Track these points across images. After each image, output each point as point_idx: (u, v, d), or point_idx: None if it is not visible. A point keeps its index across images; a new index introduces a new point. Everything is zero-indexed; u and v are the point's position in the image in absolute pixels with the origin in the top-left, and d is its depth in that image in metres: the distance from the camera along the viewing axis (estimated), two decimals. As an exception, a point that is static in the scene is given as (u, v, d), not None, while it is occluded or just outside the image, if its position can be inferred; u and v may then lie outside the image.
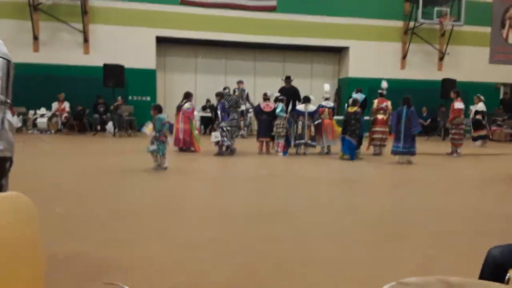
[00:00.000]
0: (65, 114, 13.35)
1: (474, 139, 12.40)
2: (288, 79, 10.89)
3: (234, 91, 12.59)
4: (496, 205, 5.11)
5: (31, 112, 13.23)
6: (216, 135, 8.77)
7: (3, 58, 2.31)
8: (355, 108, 8.71)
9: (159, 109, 7.01)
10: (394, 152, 8.47)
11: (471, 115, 12.74)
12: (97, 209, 4.38)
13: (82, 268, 2.80)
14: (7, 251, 1.20)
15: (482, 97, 12.56)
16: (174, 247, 3.27)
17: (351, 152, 8.62)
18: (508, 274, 1.72)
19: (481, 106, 12.50)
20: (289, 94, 9.80)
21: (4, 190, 2.17)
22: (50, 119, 13.03)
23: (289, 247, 3.37)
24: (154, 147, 6.61)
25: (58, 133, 12.96)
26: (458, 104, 9.81)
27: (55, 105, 13.37)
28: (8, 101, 2.22)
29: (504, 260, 1.77)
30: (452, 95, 10.13)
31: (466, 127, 10.45)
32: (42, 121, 12.88)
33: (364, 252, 3.29)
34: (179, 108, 9.41)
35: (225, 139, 8.71)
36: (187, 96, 9.35)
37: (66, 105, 13.48)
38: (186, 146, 9.29)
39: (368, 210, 4.67)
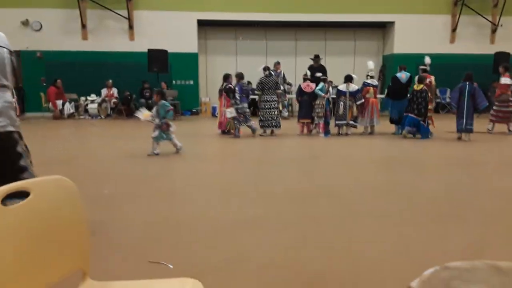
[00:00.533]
0: (114, 100, 13.88)
1: None
2: (317, 57, 10.69)
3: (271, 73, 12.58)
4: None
5: (82, 98, 13.87)
6: (230, 111, 8.63)
7: (4, 47, 2.63)
8: (421, 86, 8.65)
9: (162, 95, 6.81)
10: (459, 130, 8.45)
11: None
12: (143, 189, 4.58)
13: (129, 247, 2.96)
14: (54, 230, 1.32)
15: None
16: (218, 225, 3.38)
17: (423, 130, 8.61)
18: None
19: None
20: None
21: (26, 159, 2.64)
22: (100, 104, 13.60)
23: (333, 226, 3.39)
24: (156, 133, 6.54)
25: (107, 118, 13.53)
26: (505, 80, 9.31)
27: (104, 91, 13.93)
28: (7, 83, 2.61)
29: None
30: (500, 69, 9.61)
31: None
32: (92, 107, 13.49)
33: (412, 233, 3.24)
34: (221, 91, 9.48)
35: (240, 121, 8.76)
36: (226, 78, 9.36)
37: (115, 91, 14.00)
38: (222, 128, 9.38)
39: (417, 190, 4.58)
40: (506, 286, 0.88)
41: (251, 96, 9.77)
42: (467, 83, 8.39)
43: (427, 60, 9.55)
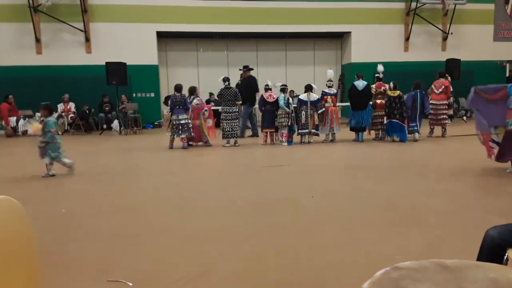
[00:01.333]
0: (71, 115, 13.46)
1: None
2: (246, 68, 10.39)
3: (237, 84, 12.64)
4: (501, 184, 5.09)
5: (38, 114, 13.33)
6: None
7: None
8: (398, 92, 9.17)
9: (49, 110, 6.16)
10: (411, 131, 9.33)
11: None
12: (102, 206, 4.44)
13: (86, 266, 2.85)
14: (0, 252, 1.25)
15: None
16: (179, 239, 3.32)
17: (403, 134, 9.11)
18: (506, 254, 1.74)
19: None
20: (247, 85, 9.48)
21: None
22: (56, 120, 13.13)
23: (296, 233, 3.41)
24: (50, 156, 5.94)
25: (65, 134, 13.08)
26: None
27: (60, 106, 13.49)
28: None
29: (502, 240, 1.78)
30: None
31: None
32: (48, 123, 12.98)
33: (371, 235, 3.31)
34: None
35: (174, 133, 8.99)
36: (193, 92, 9.27)
37: (71, 105, 13.58)
38: (196, 142, 9.38)
39: (375, 194, 4.68)
40: (450, 283, 0.91)
41: (214, 107, 9.73)
42: (418, 91, 9.40)
43: (380, 68, 9.89)
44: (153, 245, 3.20)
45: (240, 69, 11.33)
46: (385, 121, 9.40)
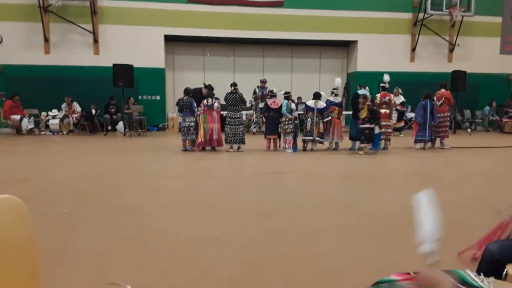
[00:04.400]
0: (76, 115, 13.55)
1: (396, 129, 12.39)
2: (209, 88, 9.88)
3: (254, 91, 13.42)
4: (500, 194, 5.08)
5: (44, 113, 13.46)
6: None
7: None
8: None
9: None
10: (420, 141, 9.59)
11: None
12: (102, 207, 4.48)
13: (85, 267, 2.88)
14: (2, 250, 1.28)
15: (400, 90, 12.88)
16: (177, 244, 3.34)
17: (375, 143, 9.05)
18: (505, 270, 1.74)
19: (401, 98, 12.78)
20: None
21: None
22: (62, 120, 13.23)
23: (294, 241, 3.42)
24: None
25: (70, 134, 13.17)
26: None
27: (64, 107, 13.58)
28: None
29: (501, 255, 1.79)
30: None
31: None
32: (54, 123, 13.07)
33: (368, 245, 3.33)
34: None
35: (183, 135, 9.21)
36: (212, 95, 9.19)
37: (76, 106, 13.68)
38: (219, 145, 9.22)
39: (374, 203, 4.69)
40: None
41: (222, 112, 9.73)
42: (428, 100, 9.54)
43: (386, 78, 9.93)
44: (151, 250, 3.22)
45: (204, 84, 10.62)
46: (389, 131, 9.51)
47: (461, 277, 1.47)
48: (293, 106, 9.44)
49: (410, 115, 13.64)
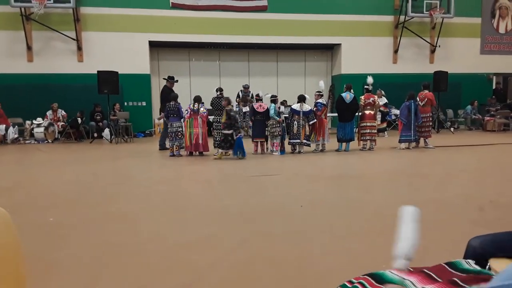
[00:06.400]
0: (61, 123, 13.42)
1: (379, 130, 12.61)
2: (171, 79, 10.11)
3: (238, 95, 13.49)
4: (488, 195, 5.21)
5: (28, 122, 13.29)
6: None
7: None
8: None
9: None
10: (405, 140, 9.83)
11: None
12: (90, 214, 4.45)
13: (78, 274, 2.88)
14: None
15: (383, 92, 13.34)
16: (169, 248, 3.35)
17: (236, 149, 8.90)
18: (488, 264, 1.79)
19: (384, 100, 13.27)
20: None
21: None
22: (46, 128, 13.07)
23: (284, 242, 3.46)
24: None
25: (55, 142, 13.03)
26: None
27: (49, 115, 13.44)
28: None
29: (484, 250, 1.83)
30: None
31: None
32: (39, 131, 12.91)
33: (359, 245, 3.37)
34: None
35: (170, 141, 9.22)
36: (198, 100, 9.22)
37: (61, 113, 13.55)
38: (205, 150, 9.27)
39: (363, 203, 4.76)
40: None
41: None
42: (412, 101, 9.77)
43: (370, 80, 10.09)
44: (142, 254, 3.23)
45: (164, 78, 10.82)
46: (374, 132, 9.67)
47: (458, 265, 1.55)
48: (282, 108, 9.53)
49: (395, 111, 13.79)
